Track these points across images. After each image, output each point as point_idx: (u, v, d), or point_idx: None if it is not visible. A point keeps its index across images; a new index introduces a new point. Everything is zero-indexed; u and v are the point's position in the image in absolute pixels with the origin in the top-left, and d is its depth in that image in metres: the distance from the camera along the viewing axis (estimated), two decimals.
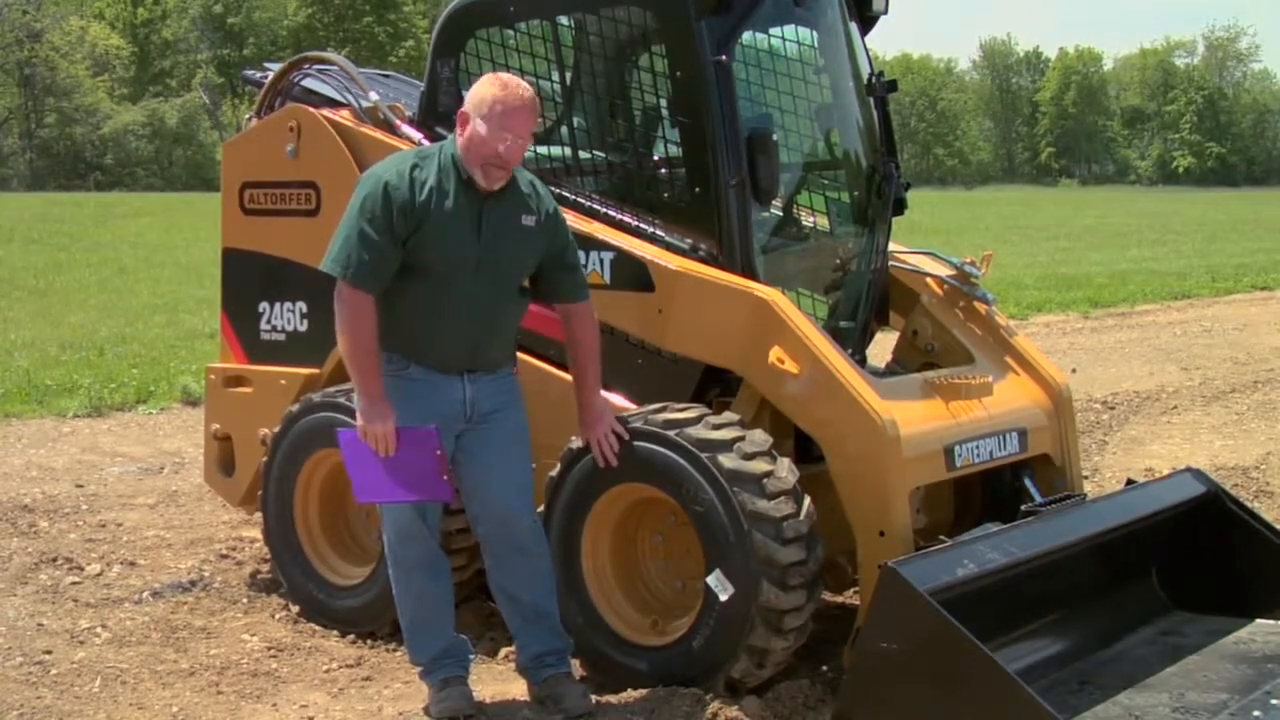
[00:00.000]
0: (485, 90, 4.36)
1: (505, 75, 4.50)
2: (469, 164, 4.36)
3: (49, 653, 5.17)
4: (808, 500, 4.49)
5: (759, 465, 4.45)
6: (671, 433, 4.53)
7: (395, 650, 5.21)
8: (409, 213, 4.31)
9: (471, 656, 4.80)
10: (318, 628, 5.45)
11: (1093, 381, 11.47)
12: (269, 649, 5.26)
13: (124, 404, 10.55)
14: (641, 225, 5.02)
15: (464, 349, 4.46)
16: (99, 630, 5.45)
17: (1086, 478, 7.34)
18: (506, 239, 4.44)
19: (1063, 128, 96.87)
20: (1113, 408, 10.35)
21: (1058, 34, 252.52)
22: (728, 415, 4.67)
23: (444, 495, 4.49)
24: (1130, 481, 5.50)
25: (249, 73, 6.67)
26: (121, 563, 6.41)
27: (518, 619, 4.67)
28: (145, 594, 5.93)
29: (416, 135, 5.42)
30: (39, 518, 7.19)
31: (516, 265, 4.52)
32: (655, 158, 5.22)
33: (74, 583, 6.08)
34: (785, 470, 4.49)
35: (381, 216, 4.29)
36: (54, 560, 6.37)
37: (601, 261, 4.95)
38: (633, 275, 4.90)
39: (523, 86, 4.39)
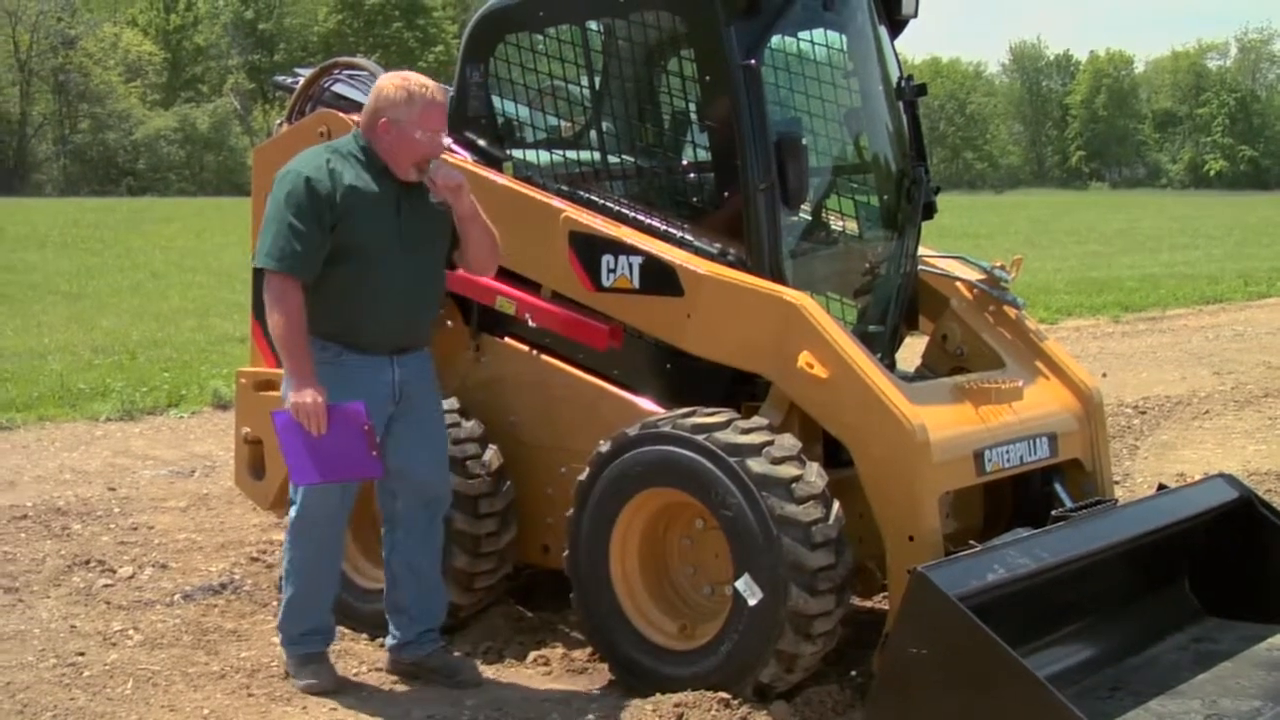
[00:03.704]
0: (399, 96, 4.63)
1: (408, 76, 4.73)
2: (397, 166, 4.65)
3: (82, 654, 5.20)
4: (837, 505, 4.48)
5: (788, 470, 4.44)
6: (700, 437, 4.53)
7: None
8: (333, 203, 4.58)
9: (335, 638, 5.04)
10: (346, 630, 5.45)
11: (1124, 386, 11.40)
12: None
13: (155, 408, 10.60)
14: (670, 230, 5.02)
15: (396, 328, 4.73)
16: (131, 632, 5.48)
17: (1117, 483, 7.29)
18: (425, 218, 4.73)
19: (1093, 131, 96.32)
20: (1144, 412, 10.29)
21: (1088, 36, 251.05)
22: (756, 420, 4.66)
23: (376, 472, 4.67)
24: (1162, 487, 5.46)
25: (280, 78, 6.70)
26: (153, 565, 6.44)
27: (413, 592, 4.92)
28: (176, 596, 5.96)
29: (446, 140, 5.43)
30: (72, 520, 7.24)
31: (436, 242, 4.80)
32: (684, 162, 5.22)
33: (106, 585, 6.12)
34: (814, 475, 4.48)
35: (307, 208, 4.55)
36: (86, 563, 6.41)
37: (630, 266, 4.95)
38: (661, 280, 4.90)
39: (429, 84, 4.69)
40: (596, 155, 5.29)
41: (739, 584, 4.46)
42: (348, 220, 4.58)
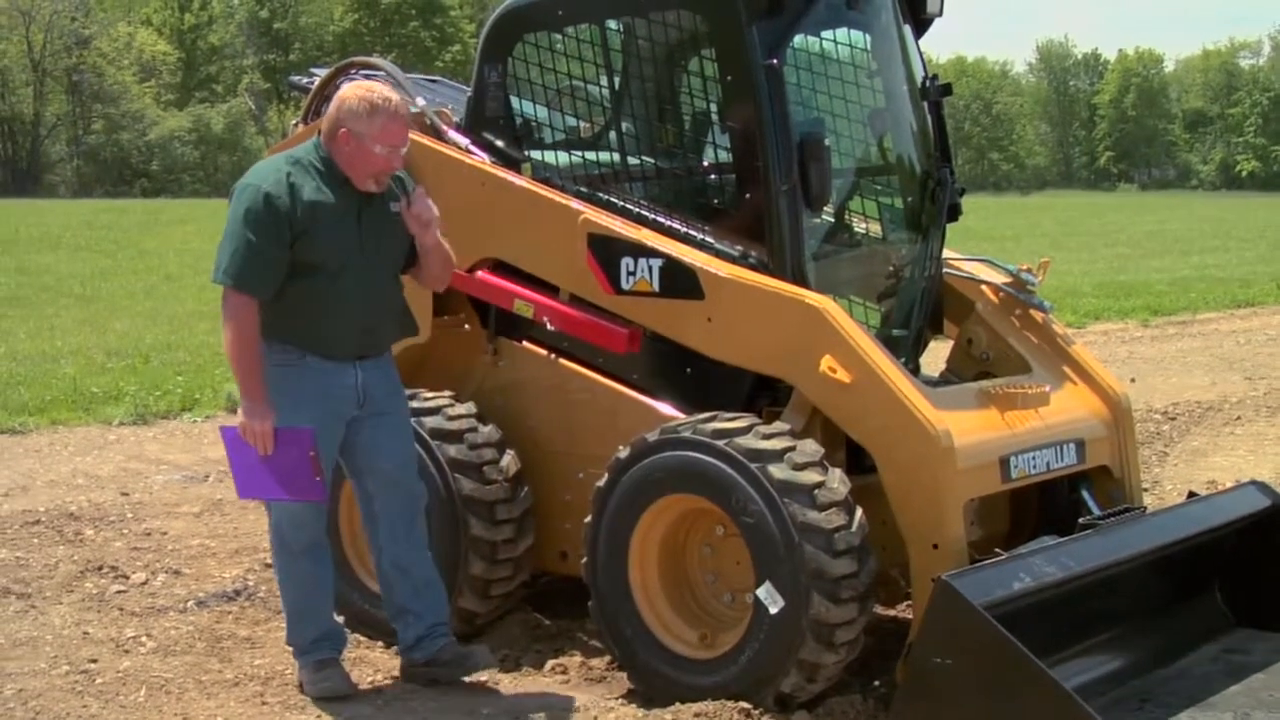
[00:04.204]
0: (360, 108, 4.64)
1: (372, 87, 4.76)
2: (357, 177, 4.68)
3: (94, 661, 5.23)
4: (860, 512, 4.47)
5: (810, 476, 4.44)
6: (721, 442, 4.53)
7: None
8: (293, 220, 4.60)
9: (346, 642, 5.06)
10: (363, 638, 5.47)
11: (1153, 391, 11.36)
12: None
13: (169, 411, 10.65)
14: (691, 232, 5.02)
15: (358, 335, 4.78)
16: (144, 639, 5.50)
17: (1146, 490, 7.27)
18: (384, 227, 4.78)
19: (1122, 131, 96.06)
20: (1174, 418, 10.24)
21: (1117, 35, 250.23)
22: (778, 425, 4.66)
23: (318, 495, 4.74)
24: (1192, 494, 5.44)
25: (295, 78, 6.73)
26: (166, 571, 6.47)
27: (408, 591, 4.95)
28: (190, 603, 5.99)
29: (464, 140, 5.45)
30: (85, 525, 7.27)
31: (395, 250, 4.85)
32: (705, 163, 5.22)
33: (119, 591, 6.15)
34: (837, 481, 4.47)
35: (267, 225, 4.57)
36: (99, 568, 6.44)
37: (650, 269, 4.96)
38: (682, 283, 4.90)
39: (393, 98, 4.71)
40: (616, 156, 5.29)
41: (760, 592, 4.45)
42: (308, 235, 4.62)
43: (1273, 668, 4.58)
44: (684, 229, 5.03)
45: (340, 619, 5.21)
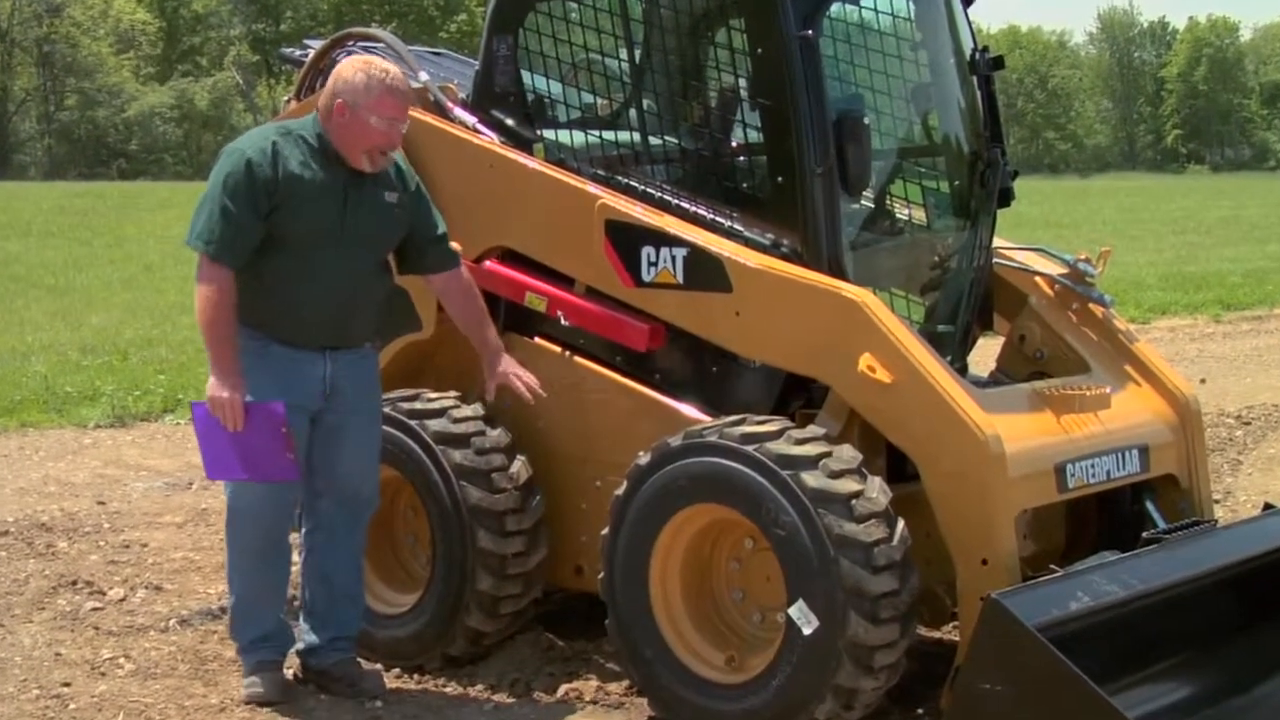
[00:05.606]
0: (357, 78, 4.79)
1: (371, 60, 4.93)
2: (349, 153, 4.82)
3: (68, 685, 5.26)
4: (901, 524, 4.48)
5: (847, 484, 4.45)
6: (750, 448, 4.54)
7: (445, 685, 5.26)
8: (272, 190, 4.75)
9: (293, 647, 5.14)
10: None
11: (1225, 393, 11.33)
12: (307, 683, 5.31)
13: (150, 413, 10.70)
14: (718, 218, 5.04)
15: (327, 324, 4.90)
16: (122, 661, 5.53)
17: (1218, 501, 7.26)
18: (370, 214, 4.91)
19: (1192, 107, 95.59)
20: (1248, 423, 10.21)
21: (1187, 2, 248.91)
22: (812, 429, 4.67)
23: (291, 474, 4.85)
24: (1268, 506, 5.43)
25: (287, 51, 6.77)
26: (146, 587, 6.50)
27: (324, 598, 5.13)
28: (172, 622, 6.01)
29: (471, 119, 5.47)
30: (57, 537, 7.31)
31: (380, 240, 4.99)
32: (733, 144, 5.24)
33: (95, 609, 6.18)
34: (876, 490, 4.49)
35: (245, 192, 4.73)
36: (73, 584, 6.48)
37: (674, 259, 4.97)
38: (708, 274, 4.91)
39: (391, 70, 4.87)
40: (636, 136, 5.31)
41: (792, 611, 4.47)
42: (286, 208, 4.77)
43: None
44: (710, 215, 5.05)
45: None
